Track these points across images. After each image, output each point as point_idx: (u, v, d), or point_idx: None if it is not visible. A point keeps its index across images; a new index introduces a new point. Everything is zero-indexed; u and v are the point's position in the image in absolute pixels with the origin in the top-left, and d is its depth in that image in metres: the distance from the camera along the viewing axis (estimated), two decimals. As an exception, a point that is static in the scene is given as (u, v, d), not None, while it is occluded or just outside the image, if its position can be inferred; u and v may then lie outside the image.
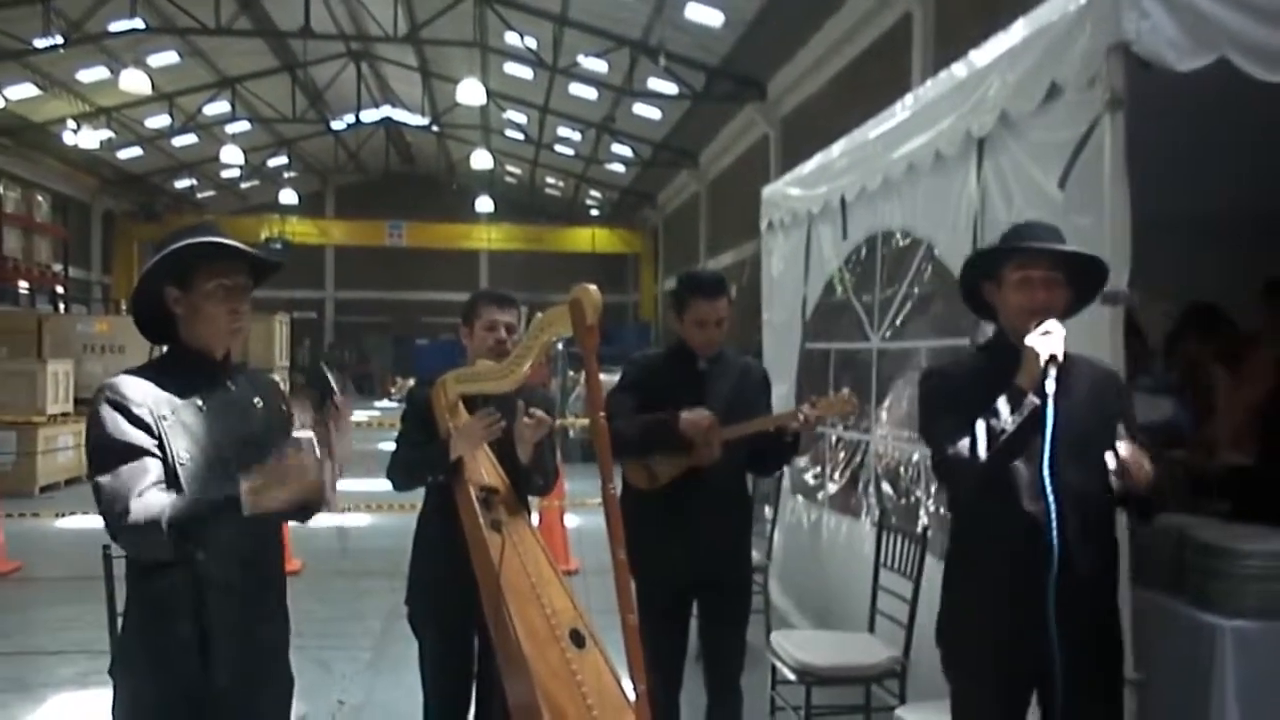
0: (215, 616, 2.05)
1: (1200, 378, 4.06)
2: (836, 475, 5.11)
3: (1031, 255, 2.32)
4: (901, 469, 4.36)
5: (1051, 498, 2.12)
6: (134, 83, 15.91)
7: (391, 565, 3.71)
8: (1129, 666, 2.51)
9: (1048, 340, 2.21)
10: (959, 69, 3.70)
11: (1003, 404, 2.21)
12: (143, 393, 2.04)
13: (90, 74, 18.47)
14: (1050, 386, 2.18)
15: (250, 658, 2.12)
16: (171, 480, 2.01)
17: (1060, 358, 2.20)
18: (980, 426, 2.20)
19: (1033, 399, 2.20)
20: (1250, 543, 2.71)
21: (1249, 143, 3.62)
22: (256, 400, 2.22)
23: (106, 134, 20.98)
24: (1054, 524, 2.11)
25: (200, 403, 2.10)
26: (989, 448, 2.19)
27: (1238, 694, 2.54)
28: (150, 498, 1.95)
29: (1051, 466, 2.14)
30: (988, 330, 3.47)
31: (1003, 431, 2.19)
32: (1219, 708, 2.54)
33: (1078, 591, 2.20)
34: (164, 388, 2.07)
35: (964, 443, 2.22)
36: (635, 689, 2.19)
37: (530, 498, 3.12)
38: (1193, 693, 2.59)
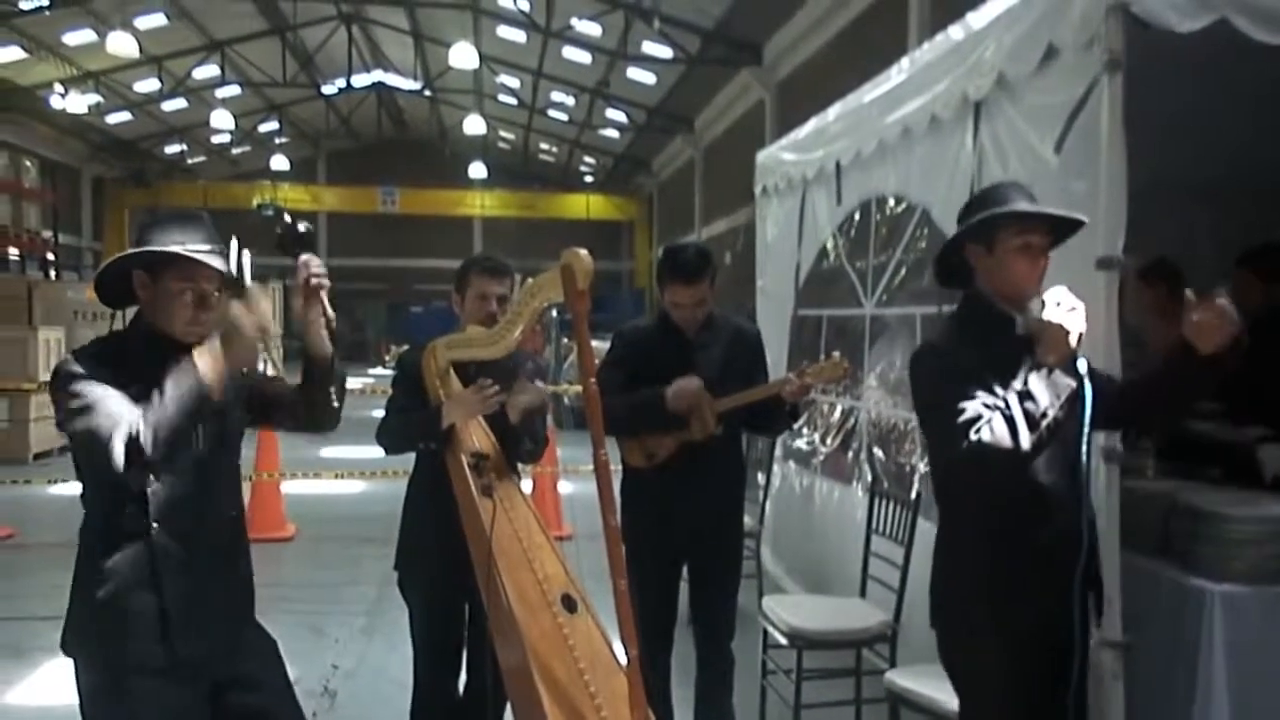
0: (169, 588, 2.05)
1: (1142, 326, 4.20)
2: (829, 441, 5.11)
3: (1037, 220, 2.23)
4: (893, 435, 4.36)
5: (1084, 480, 2.05)
6: (121, 45, 15.70)
7: (385, 531, 3.71)
8: (1117, 629, 2.53)
9: (1075, 316, 2.10)
10: (955, 31, 3.64)
11: (1036, 385, 2.05)
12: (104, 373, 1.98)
13: (77, 37, 18.22)
14: (1083, 365, 2.11)
15: (212, 627, 2.13)
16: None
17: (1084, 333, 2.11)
18: (1018, 411, 2.04)
19: (1068, 381, 2.08)
20: (1240, 508, 2.71)
21: (1249, 108, 3.58)
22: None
23: (94, 98, 20.75)
24: (1083, 505, 2.05)
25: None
26: (1031, 433, 2.03)
27: (1225, 658, 2.55)
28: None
29: (1087, 447, 2.06)
30: None
31: (1044, 415, 2.04)
32: (1206, 671, 2.55)
33: (1090, 562, 2.22)
34: (127, 364, 2.01)
35: (1000, 429, 2.04)
36: (626, 653, 2.19)
37: (523, 465, 3.11)
38: (1180, 656, 2.60)
